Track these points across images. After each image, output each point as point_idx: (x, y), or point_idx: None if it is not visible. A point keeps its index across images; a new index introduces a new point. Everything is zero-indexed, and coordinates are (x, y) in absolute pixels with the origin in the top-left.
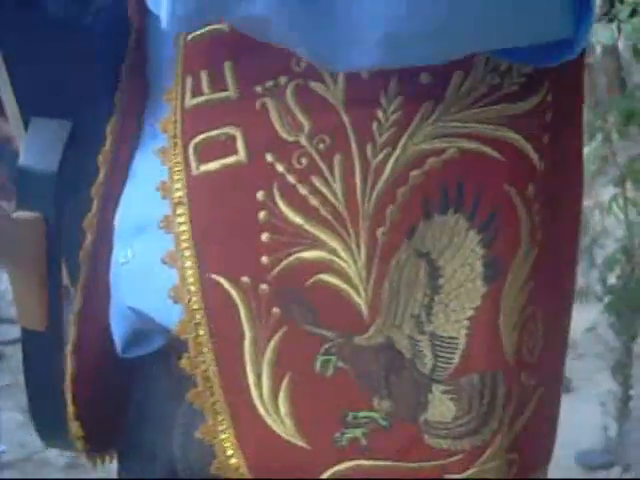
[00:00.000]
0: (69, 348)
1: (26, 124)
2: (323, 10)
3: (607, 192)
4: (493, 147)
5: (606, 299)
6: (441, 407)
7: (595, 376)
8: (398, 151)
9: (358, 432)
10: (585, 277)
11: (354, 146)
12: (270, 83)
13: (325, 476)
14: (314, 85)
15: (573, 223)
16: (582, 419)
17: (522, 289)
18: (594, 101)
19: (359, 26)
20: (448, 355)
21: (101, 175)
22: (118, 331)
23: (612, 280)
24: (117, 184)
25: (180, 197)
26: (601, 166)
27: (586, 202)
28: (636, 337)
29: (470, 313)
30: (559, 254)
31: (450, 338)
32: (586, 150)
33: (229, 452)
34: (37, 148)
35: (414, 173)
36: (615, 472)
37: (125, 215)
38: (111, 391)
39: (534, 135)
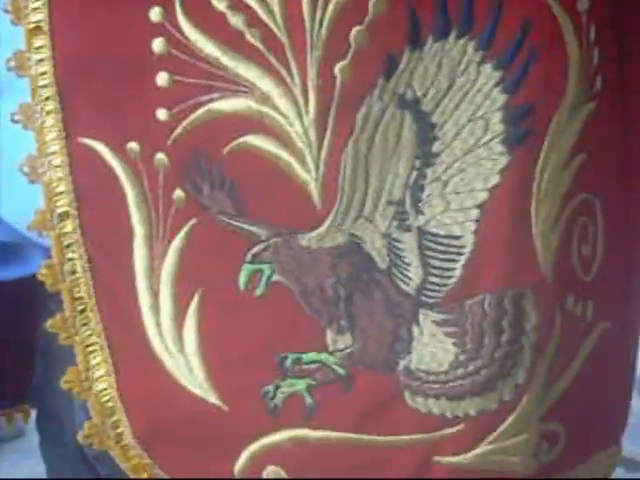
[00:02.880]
0: None
1: None
2: None
3: None
4: None
5: None
6: (432, 347)
7: None
8: None
9: (301, 385)
10: None
11: None
12: None
13: (248, 450)
14: None
15: None
16: None
17: (569, 162)
18: None
19: None
20: (445, 265)
21: None
22: None
23: None
24: None
25: (38, 22)
26: None
27: None
28: None
29: (482, 197)
30: (631, 112)
31: (449, 237)
32: None
33: (108, 411)
34: None
35: None
36: None
37: None
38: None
39: None
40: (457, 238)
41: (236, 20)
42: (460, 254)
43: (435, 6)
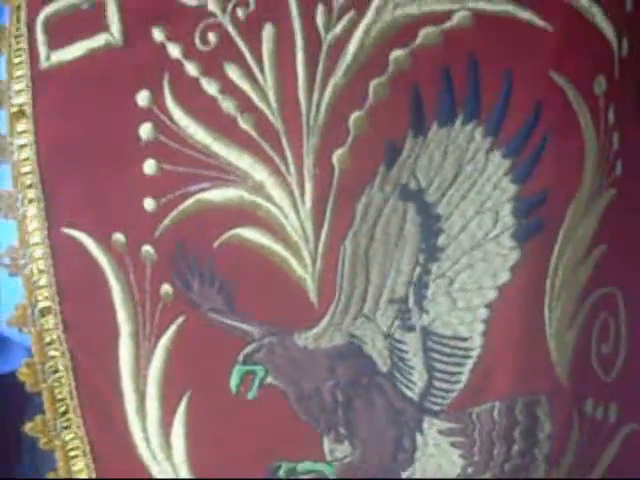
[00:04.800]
0: None
1: None
2: None
3: None
4: (534, 9)
5: None
6: (437, 459)
7: None
8: (370, 17)
9: None
10: None
11: (295, 10)
12: None
13: None
14: None
15: None
16: None
17: (587, 256)
18: None
19: None
20: (452, 369)
21: None
22: None
23: None
24: None
25: (21, 105)
26: None
27: None
28: None
29: (491, 295)
30: None
31: (456, 339)
32: None
33: None
34: None
35: (397, 54)
36: None
37: None
38: None
39: None
40: (464, 340)
41: (228, 105)
42: (467, 357)
43: (440, 89)
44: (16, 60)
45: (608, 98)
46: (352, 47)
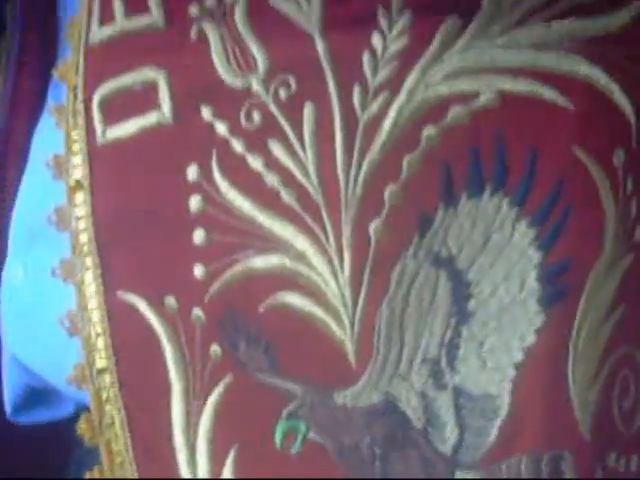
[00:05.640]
0: None
1: None
2: None
3: None
4: (556, 88)
5: None
6: None
7: None
8: (403, 97)
9: None
10: None
11: (333, 91)
12: (210, 0)
13: None
14: (276, 1)
15: None
16: None
17: (606, 318)
18: None
19: None
20: (482, 425)
21: None
22: (9, 386)
23: None
24: (11, 172)
25: (79, 178)
26: None
27: None
28: None
29: (519, 357)
30: None
31: (486, 397)
32: None
33: None
34: None
35: (429, 132)
36: None
37: (18, 214)
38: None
39: (624, 70)
40: (494, 398)
41: (271, 179)
42: (497, 414)
43: (469, 163)
44: (74, 136)
45: (626, 169)
46: (386, 125)
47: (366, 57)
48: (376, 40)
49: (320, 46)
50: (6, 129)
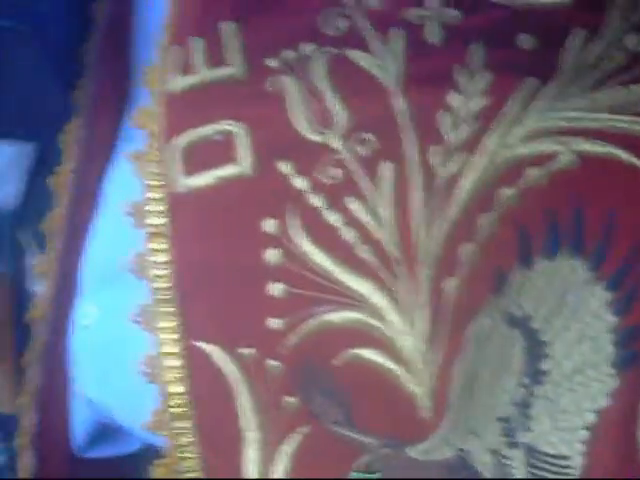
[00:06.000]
0: (21, 442)
1: None
2: None
3: None
4: (634, 151)
5: None
6: None
7: None
8: (481, 157)
9: None
10: None
11: (411, 149)
12: (290, 53)
13: None
14: (356, 56)
15: None
16: None
17: None
18: None
19: None
20: None
21: (59, 204)
22: (77, 423)
23: None
24: (83, 215)
25: (158, 225)
26: None
27: None
28: None
29: (591, 419)
30: None
31: (558, 457)
32: None
33: None
34: None
35: (506, 192)
36: None
37: (91, 257)
38: None
39: None
40: (566, 458)
41: (349, 235)
42: (568, 474)
43: (546, 225)
44: (153, 183)
45: None
46: (464, 185)
47: (444, 116)
48: (454, 99)
49: (399, 103)
50: (80, 173)
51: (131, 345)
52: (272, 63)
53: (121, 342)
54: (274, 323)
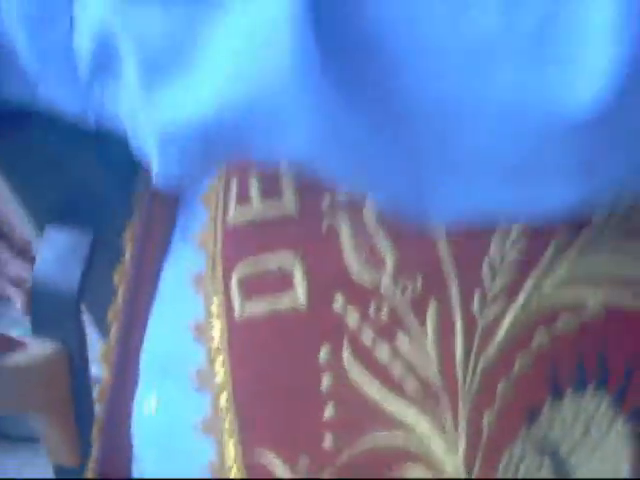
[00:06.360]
0: None
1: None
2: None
3: None
4: None
5: None
6: None
7: None
8: (519, 304)
9: None
10: None
11: (455, 293)
12: (342, 197)
13: None
14: None
15: None
16: None
17: None
18: None
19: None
20: None
21: (120, 296)
22: None
23: None
24: (142, 306)
25: (219, 347)
26: None
27: None
28: None
29: None
30: None
31: None
32: None
33: None
34: (54, 262)
35: (540, 335)
36: None
37: (151, 346)
38: None
39: None
40: None
41: (396, 369)
42: None
43: (575, 362)
44: (213, 309)
45: None
46: (503, 329)
47: (485, 264)
48: (494, 247)
49: (443, 250)
50: (139, 264)
51: (191, 448)
52: (325, 202)
53: (180, 440)
54: (328, 439)
